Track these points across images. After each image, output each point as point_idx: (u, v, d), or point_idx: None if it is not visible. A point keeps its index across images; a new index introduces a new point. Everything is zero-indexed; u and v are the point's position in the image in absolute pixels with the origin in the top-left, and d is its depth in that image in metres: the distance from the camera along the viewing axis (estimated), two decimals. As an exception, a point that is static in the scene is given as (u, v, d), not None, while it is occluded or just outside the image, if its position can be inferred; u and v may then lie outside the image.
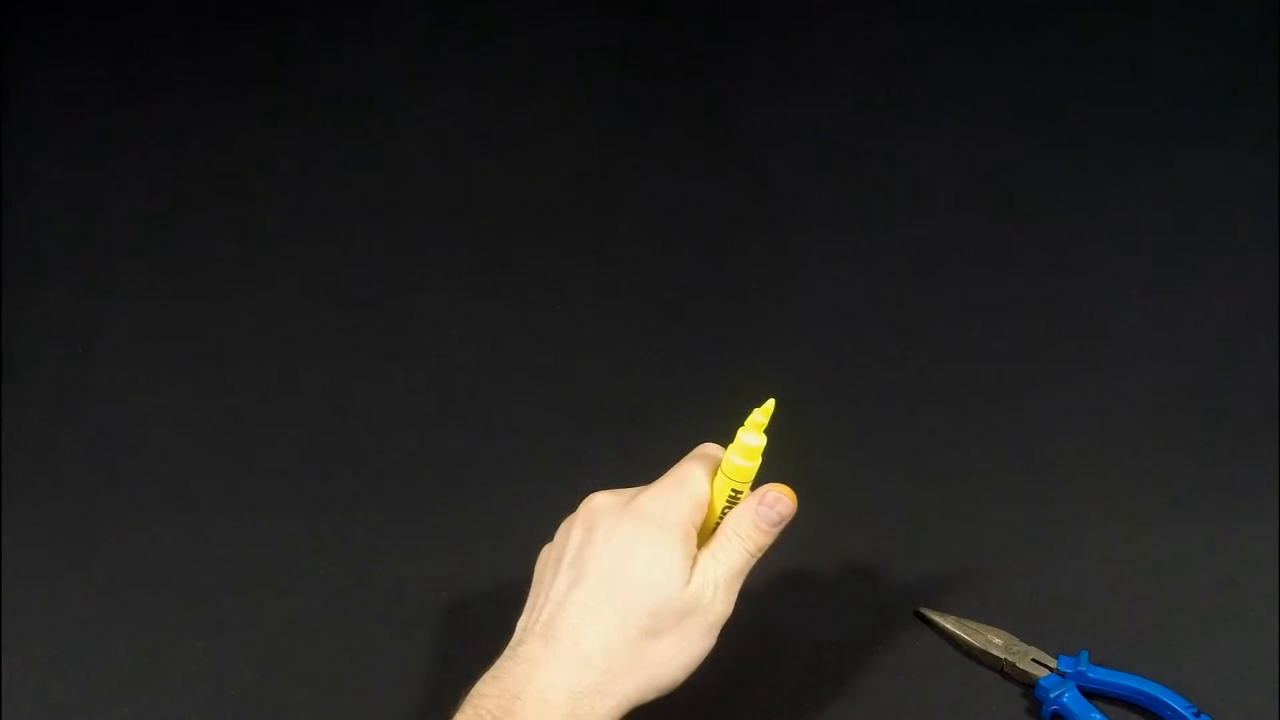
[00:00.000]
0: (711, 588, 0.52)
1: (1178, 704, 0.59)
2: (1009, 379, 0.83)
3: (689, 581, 0.52)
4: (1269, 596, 0.66)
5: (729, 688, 0.62)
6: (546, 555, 0.55)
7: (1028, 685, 0.62)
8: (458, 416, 0.81)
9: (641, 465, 0.55)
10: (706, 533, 0.55)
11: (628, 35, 1.11)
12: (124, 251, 0.94)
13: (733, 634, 0.55)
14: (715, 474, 0.55)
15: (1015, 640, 0.63)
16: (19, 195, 0.97)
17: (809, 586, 0.68)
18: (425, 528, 0.73)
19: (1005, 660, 0.62)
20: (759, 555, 0.54)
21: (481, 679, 0.50)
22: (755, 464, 0.54)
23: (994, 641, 0.63)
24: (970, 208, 0.97)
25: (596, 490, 0.55)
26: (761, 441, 0.54)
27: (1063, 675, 0.61)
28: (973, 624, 0.64)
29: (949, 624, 0.64)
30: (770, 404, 0.54)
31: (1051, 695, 0.60)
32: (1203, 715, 0.59)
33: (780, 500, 0.54)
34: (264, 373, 0.84)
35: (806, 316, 0.88)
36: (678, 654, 0.51)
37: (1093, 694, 0.61)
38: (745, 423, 0.54)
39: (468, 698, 0.49)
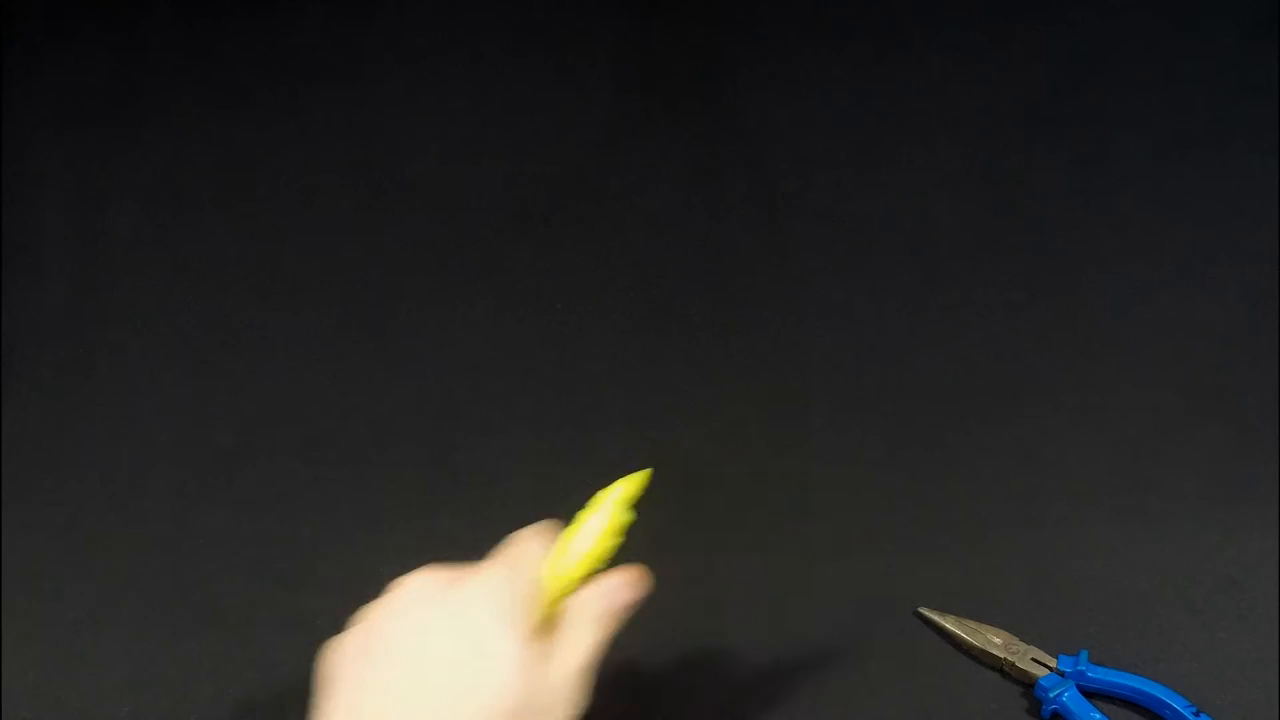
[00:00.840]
0: (556, 687, 0.45)
1: (1178, 704, 0.59)
2: (1009, 378, 0.83)
3: (527, 681, 0.44)
4: (1269, 596, 0.66)
5: (726, 688, 0.62)
6: (342, 651, 0.46)
7: (1027, 685, 0.62)
8: (458, 415, 0.81)
9: (641, 465, 0.55)
10: (545, 620, 0.48)
11: (628, 34, 1.11)
12: (124, 251, 0.94)
13: (731, 634, 0.55)
14: (555, 553, 0.49)
15: (1015, 640, 0.63)
16: (19, 195, 0.97)
17: (808, 586, 0.68)
18: (426, 527, 0.73)
19: (1005, 660, 0.62)
20: (609, 637, 0.48)
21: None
22: (614, 542, 0.49)
23: (994, 641, 0.63)
24: (970, 208, 0.97)
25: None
26: (626, 518, 0.49)
27: (1062, 675, 0.61)
28: (972, 624, 0.64)
29: (949, 624, 0.64)
30: (641, 477, 0.49)
31: (1051, 695, 0.60)
32: (1202, 715, 0.59)
33: (623, 588, 0.49)
34: (264, 372, 0.84)
35: (806, 316, 0.88)
36: None
37: (1092, 693, 0.61)
38: (603, 496, 0.49)
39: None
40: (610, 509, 0.49)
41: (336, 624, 0.66)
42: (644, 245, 0.94)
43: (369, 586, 0.68)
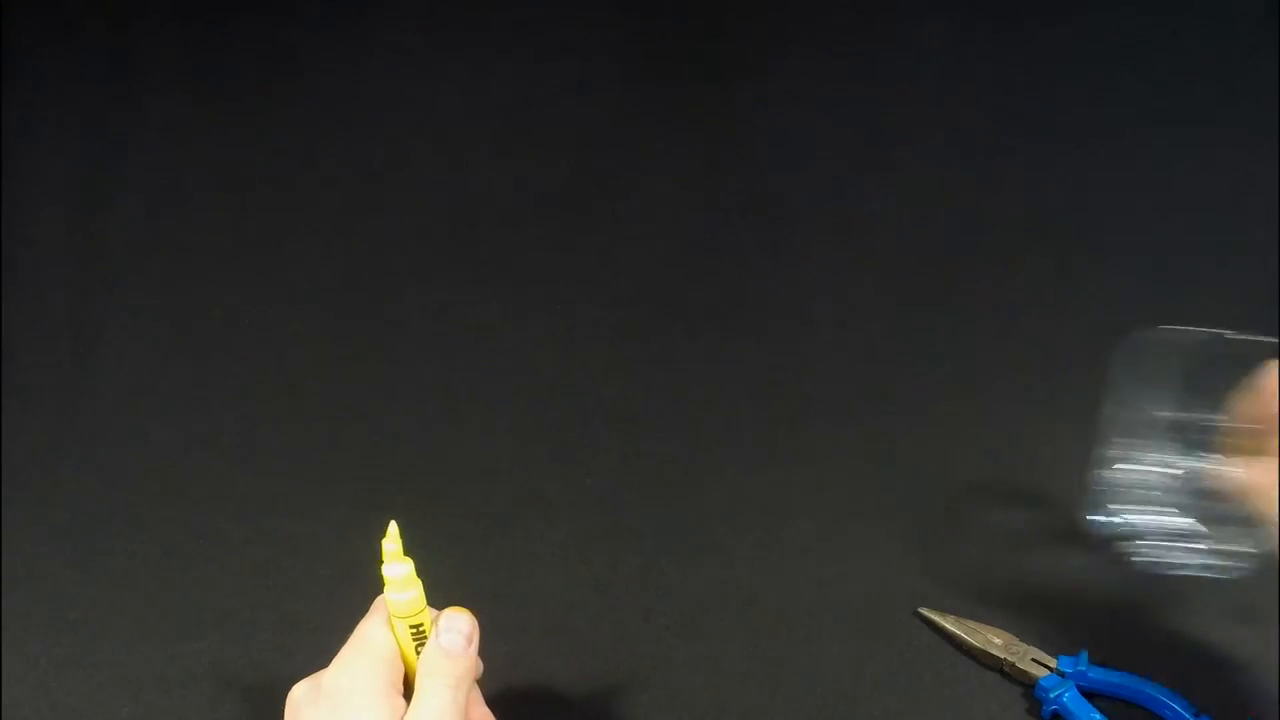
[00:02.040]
0: None
1: (1177, 704, 0.59)
2: (1009, 379, 0.83)
3: None
4: (1269, 596, 0.66)
5: (726, 688, 0.62)
6: None
7: (1027, 685, 0.62)
8: (457, 415, 0.80)
9: (641, 465, 0.55)
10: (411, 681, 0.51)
11: (629, 35, 1.11)
12: (124, 251, 0.94)
13: (731, 636, 0.55)
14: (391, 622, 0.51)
15: (1015, 640, 0.63)
16: (19, 195, 0.97)
17: (809, 587, 0.68)
18: (426, 527, 0.72)
19: (1005, 660, 0.62)
20: (468, 681, 0.50)
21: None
22: (416, 591, 0.51)
23: (994, 641, 0.63)
24: (970, 208, 0.97)
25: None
26: (407, 568, 0.51)
27: (1062, 675, 0.61)
28: (972, 624, 0.64)
29: (949, 624, 0.64)
30: (392, 528, 0.51)
31: (1051, 695, 0.60)
32: (1203, 716, 0.59)
33: (456, 619, 0.51)
34: (264, 372, 0.84)
35: (807, 316, 0.88)
36: None
37: (1092, 694, 0.61)
38: (383, 556, 0.51)
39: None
40: (397, 562, 0.51)
41: (335, 624, 0.67)
42: (644, 245, 0.94)
43: (369, 587, 0.69)
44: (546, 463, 0.76)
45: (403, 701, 0.49)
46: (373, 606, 0.52)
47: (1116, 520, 0.60)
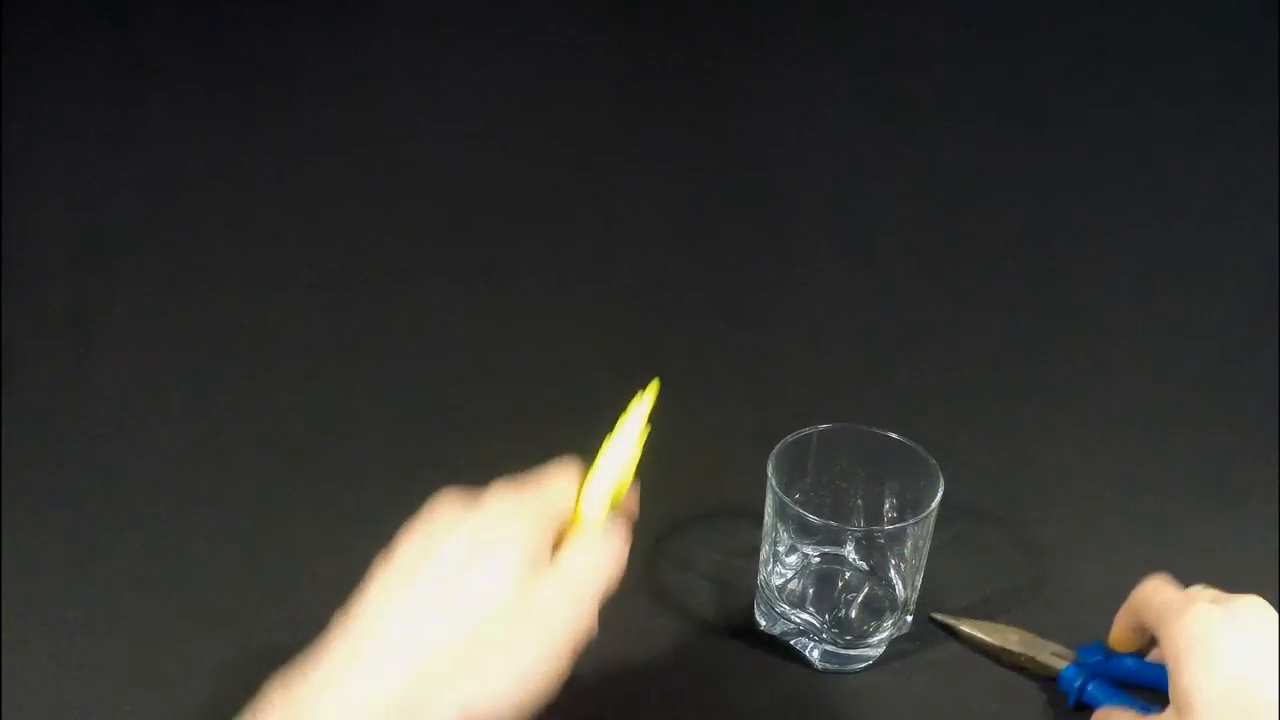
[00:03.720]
0: (566, 603, 0.46)
1: None
2: (1010, 379, 0.83)
3: (536, 592, 0.45)
4: (1269, 597, 0.66)
5: (727, 686, 0.62)
6: (372, 571, 0.49)
7: (1049, 678, 0.61)
8: (457, 416, 0.81)
9: (641, 465, 0.55)
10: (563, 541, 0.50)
11: (628, 34, 1.11)
12: (124, 251, 0.94)
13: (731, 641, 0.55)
14: (582, 482, 0.51)
15: (1032, 636, 0.63)
16: (19, 195, 0.97)
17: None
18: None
19: (1024, 655, 0.62)
20: (619, 569, 0.48)
21: (274, 680, 0.44)
22: (631, 459, 0.51)
23: (1010, 638, 0.63)
24: (969, 209, 0.97)
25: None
26: (638, 430, 0.51)
27: (1083, 665, 0.60)
28: (986, 624, 0.64)
29: (964, 626, 0.64)
30: (654, 385, 0.52)
31: (1075, 685, 0.59)
32: None
33: (629, 501, 0.50)
34: (264, 372, 0.84)
35: (807, 316, 0.88)
36: (510, 673, 0.43)
37: (1115, 682, 0.60)
38: (626, 415, 0.51)
39: (256, 703, 0.44)
40: (639, 420, 0.51)
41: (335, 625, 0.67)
42: (644, 244, 0.95)
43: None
44: (546, 464, 0.76)
45: (547, 553, 0.47)
46: (562, 461, 0.52)
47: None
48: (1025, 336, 0.86)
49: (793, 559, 0.64)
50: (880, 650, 0.63)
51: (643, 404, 0.52)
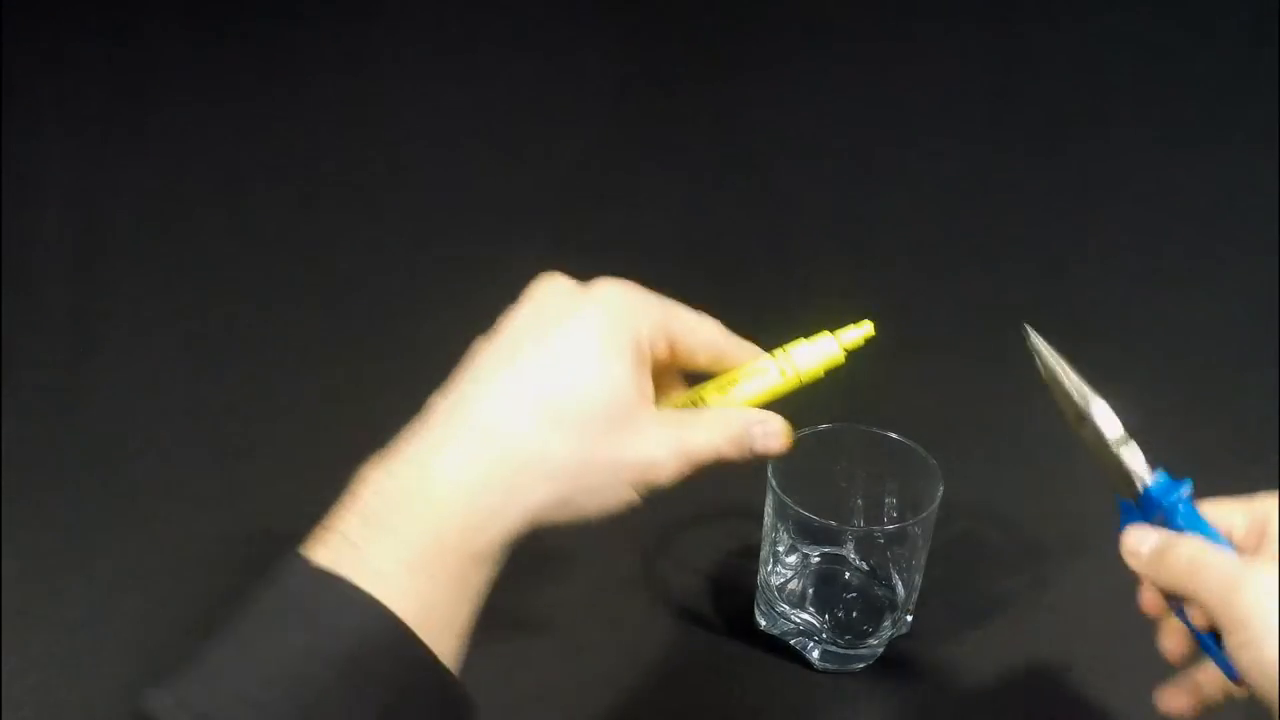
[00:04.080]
0: (671, 447, 0.44)
1: None
2: (1010, 379, 0.83)
3: (636, 412, 0.44)
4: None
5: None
6: (475, 345, 0.47)
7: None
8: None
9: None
10: (690, 401, 0.48)
11: (628, 34, 1.11)
12: (124, 251, 0.94)
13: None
14: (725, 338, 0.49)
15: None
16: (19, 195, 0.97)
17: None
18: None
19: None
20: (731, 449, 0.46)
21: (372, 463, 0.44)
22: (772, 379, 0.48)
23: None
24: (969, 208, 0.97)
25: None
26: (834, 355, 0.49)
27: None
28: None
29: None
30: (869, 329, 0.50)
31: (1171, 498, 0.48)
32: None
33: (777, 438, 0.47)
34: (264, 372, 0.84)
35: (806, 316, 0.88)
36: (602, 487, 0.43)
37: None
38: (838, 333, 0.49)
39: (353, 485, 0.43)
40: (841, 343, 0.50)
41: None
42: (644, 245, 0.94)
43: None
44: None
45: (648, 373, 0.45)
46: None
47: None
48: (1020, 335, 0.86)
49: (793, 559, 0.64)
50: (880, 650, 0.63)
51: (851, 334, 0.50)
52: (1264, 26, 1.05)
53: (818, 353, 0.50)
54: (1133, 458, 0.50)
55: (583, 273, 0.49)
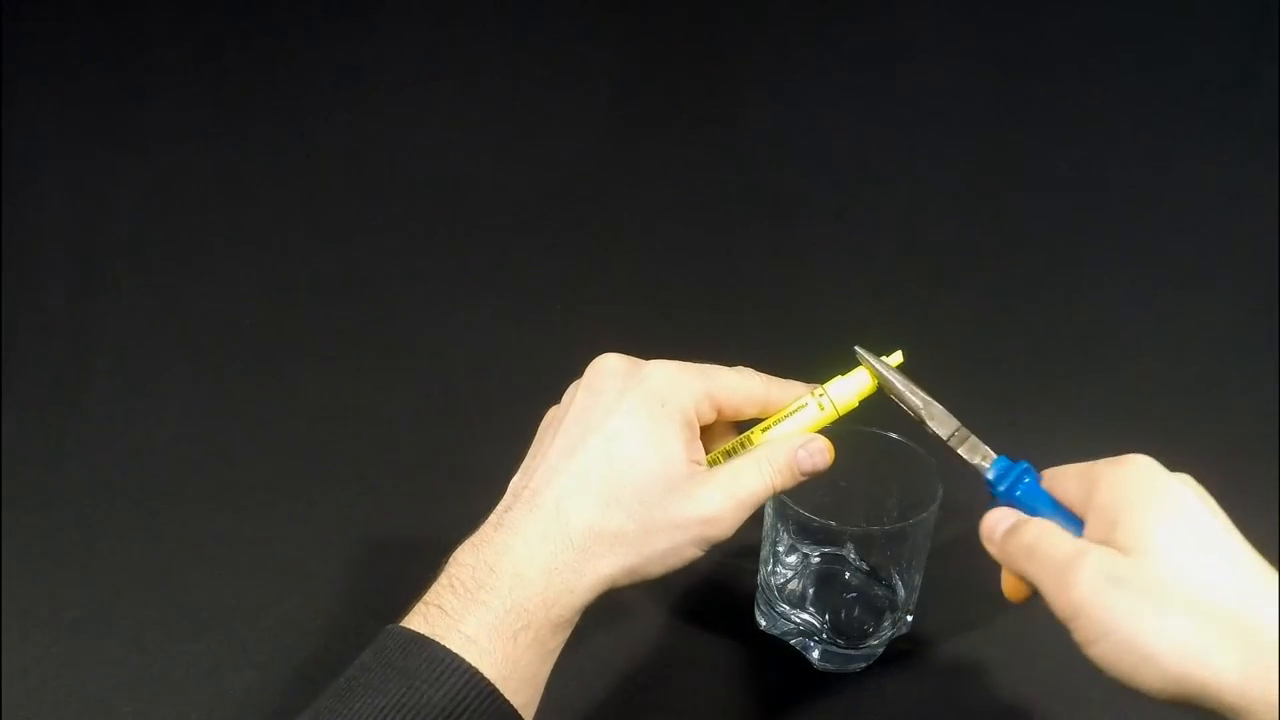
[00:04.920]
0: (722, 500, 0.48)
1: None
2: (1010, 379, 0.83)
3: (689, 477, 0.48)
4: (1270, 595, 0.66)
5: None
6: (552, 416, 0.52)
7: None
8: (457, 416, 0.81)
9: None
10: (736, 446, 0.52)
11: (628, 35, 1.11)
12: (124, 251, 0.94)
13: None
14: (757, 382, 0.52)
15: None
16: (19, 195, 0.97)
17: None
18: (426, 527, 0.72)
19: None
20: (781, 482, 0.50)
21: (463, 546, 0.48)
22: (817, 410, 0.51)
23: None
24: (969, 208, 0.97)
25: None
26: (867, 386, 0.52)
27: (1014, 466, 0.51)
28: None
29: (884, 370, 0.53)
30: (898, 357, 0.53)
31: (1011, 477, 0.51)
32: None
33: (822, 453, 0.50)
34: (263, 372, 0.84)
35: (806, 317, 0.88)
36: (665, 551, 0.48)
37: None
38: (867, 359, 0.52)
39: (446, 564, 0.48)
40: (864, 378, 0.52)
41: (335, 624, 0.67)
42: (644, 245, 0.95)
43: (369, 586, 0.69)
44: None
45: (698, 438, 0.49)
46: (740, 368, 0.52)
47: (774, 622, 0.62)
48: (1025, 336, 0.86)
49: (793, 559, 0.64)
50: (880, 650, 0.63)
51: (885, 362, 0.52)
52: (1264, 27, 1.05)
53: (853, 386, 0.53)
54: (971, 451, 0.53)
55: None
